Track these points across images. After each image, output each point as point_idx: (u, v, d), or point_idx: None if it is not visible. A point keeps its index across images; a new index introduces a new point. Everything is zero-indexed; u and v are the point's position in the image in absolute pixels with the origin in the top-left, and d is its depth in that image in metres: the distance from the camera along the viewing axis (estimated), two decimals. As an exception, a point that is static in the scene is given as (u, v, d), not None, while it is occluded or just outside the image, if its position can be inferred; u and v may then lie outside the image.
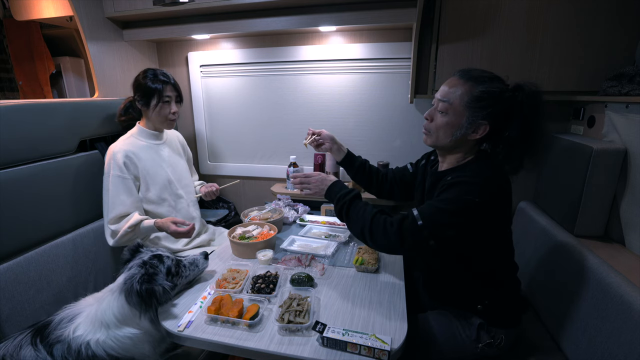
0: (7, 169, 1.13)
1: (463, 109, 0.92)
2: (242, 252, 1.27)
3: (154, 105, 1.39)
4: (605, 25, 1.35)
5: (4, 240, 1.11)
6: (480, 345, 1.01)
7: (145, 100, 1.39)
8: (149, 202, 1.43)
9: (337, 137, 1.94)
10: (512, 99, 0.91)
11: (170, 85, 1.41)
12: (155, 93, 1.38)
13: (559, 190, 1.39)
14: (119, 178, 1.33)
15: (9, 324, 1.06)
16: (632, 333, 0.84)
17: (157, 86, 1.37)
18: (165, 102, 1.40)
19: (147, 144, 1.44)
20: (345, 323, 0.90)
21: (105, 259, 1.44)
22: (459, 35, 1.48)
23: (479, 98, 0.90)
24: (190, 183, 1.63)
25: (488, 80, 0.92)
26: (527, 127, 0.91)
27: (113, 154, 1.34)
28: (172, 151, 1.55)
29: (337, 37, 1.77)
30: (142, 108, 1.42)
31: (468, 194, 0.86)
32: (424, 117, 1.01)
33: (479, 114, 0.91)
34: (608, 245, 1.19)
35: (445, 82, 0.97)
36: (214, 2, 1.54)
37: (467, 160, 0.99)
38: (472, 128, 0.93)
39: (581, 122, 1.46)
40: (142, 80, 1.38)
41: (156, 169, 1.43)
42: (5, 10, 2.02)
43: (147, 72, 1.40)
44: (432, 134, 0.99)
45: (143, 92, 1.38)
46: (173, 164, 1.52)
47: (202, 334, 0.87)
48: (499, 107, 0.90)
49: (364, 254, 1.21)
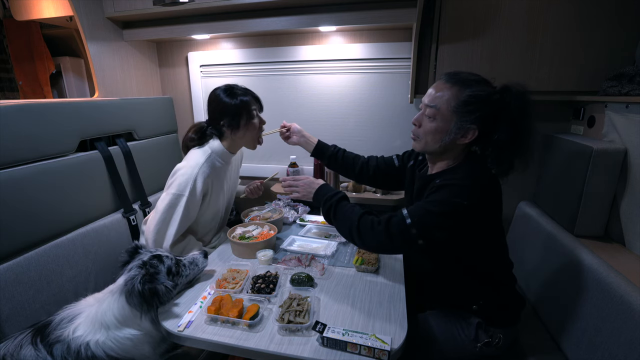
0: (7, 169, 1.13)
1: (451, 115, 0.90)
2: (242, 252, 1.27)
3: (245, 123, 1.29)
4: (605, 25, 1.35)
5: (4, 240, 1.10)
6: (479, 345, 1.01)
7: (235, 119, 1.28)
8: (197, 222, 1.38)
9: (337, 137, 1.94)
10: (500, 101, 0.90)
11: (251, 96, 1.32)
12: (244, 109, 1.27)
13: (559, 190, 1.39)
14: (191, 198, 1.26)
15: (9, 324, 1.06)
16: (632, 333, 0.84)
17: (242, 99, 1.28)
18: (254, 116, 1.32)
19: (221, 166, 1.35)
20: (345, 323, 0.90)
21: (105, 259, 1.43)
22: (459, 35, 1.48)
23: (467, 102, 0.89)
24: (232, 201, 1.59)
25: (475, 83, 0.90)
26: (515, 129, 0.89)
27: (196, 177, 1.25)
28: (234, 171, 1.50)
29: (337, 37, 1.77)
30: (229, 129, 1.30)
31: (457, 197, 0.86)
32: (412, 122, 1.00)
33: (467, 119, 0.89)
34: (608, 245, 1.19)
35: (432, 86, 0.95)
36: (214, 2, 1.54)
37: (456, 164, 0.97)
38: (460, 133, 0.91)
39: (581, 122, 1.46)
40: (225, 98, 1.27)
41: (219, 193, 1.38)
42: (5, 10, 2.02)
43: (225, 90, 1.29)
44: (420, 139, 0.98)
45: (231, 111, 1.27)
46: (232, 186, 1.50)
47: (202, 334, 0.87)
48: (487, 110, 0.89)
49: (364, 254, 1.21)
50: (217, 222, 1.49)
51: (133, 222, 1.57)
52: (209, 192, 1.33)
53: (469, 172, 0.92)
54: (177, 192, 1.25)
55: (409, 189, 1.18)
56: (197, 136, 1.35)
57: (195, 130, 1.36)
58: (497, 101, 0.90)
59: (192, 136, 1.36)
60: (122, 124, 1.63)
